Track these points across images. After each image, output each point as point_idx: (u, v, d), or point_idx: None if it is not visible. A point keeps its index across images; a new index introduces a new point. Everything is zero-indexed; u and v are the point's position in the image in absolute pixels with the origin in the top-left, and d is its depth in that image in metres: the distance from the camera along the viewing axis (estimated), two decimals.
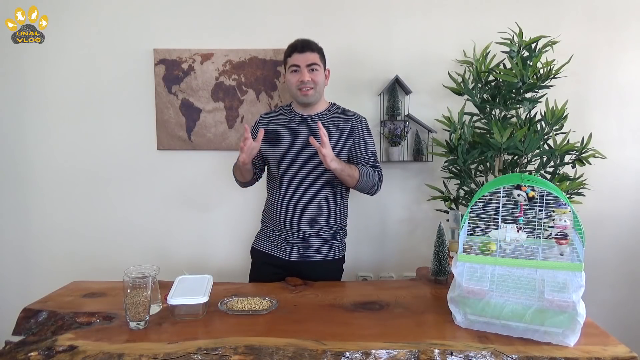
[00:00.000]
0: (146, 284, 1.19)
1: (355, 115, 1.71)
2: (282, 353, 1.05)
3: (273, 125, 1.69)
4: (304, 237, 1.64)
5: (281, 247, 1.67)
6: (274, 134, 1.66)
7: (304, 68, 1.58)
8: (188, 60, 2.14)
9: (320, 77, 1.61)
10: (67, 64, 2.15)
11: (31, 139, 2.20)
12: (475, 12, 2.11)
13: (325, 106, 1.70)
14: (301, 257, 1.65)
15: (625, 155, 2.15)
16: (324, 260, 1.67)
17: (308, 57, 1.58)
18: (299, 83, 1.58)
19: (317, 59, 1.61)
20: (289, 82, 1.62)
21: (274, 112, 1.77)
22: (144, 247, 2.24)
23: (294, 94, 1.63)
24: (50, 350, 1.06)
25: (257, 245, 1.75)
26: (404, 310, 1.31)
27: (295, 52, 1.59)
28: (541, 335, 1.10)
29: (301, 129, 1.64)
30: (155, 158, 2.21)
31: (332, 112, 1.69)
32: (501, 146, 1.75)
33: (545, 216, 1.20)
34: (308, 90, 1.59)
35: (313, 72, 1.59)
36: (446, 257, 1.54)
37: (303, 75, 1.57)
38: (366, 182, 1.60)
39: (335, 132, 1.63)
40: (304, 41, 1.62)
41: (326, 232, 1.68)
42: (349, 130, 1.65)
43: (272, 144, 1.66)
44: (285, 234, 1.66)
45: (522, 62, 1.78)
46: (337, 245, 1.72)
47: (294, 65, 1.59)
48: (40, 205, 2.23)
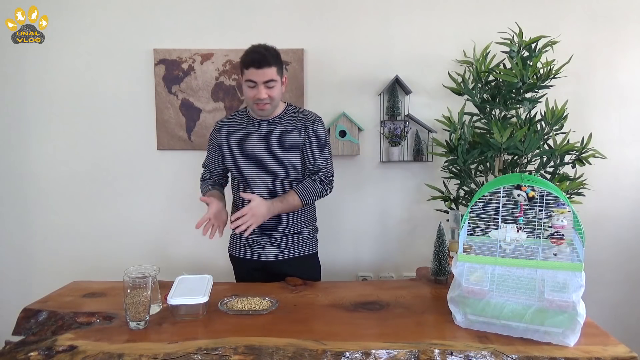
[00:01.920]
0: (146, 284, 1.19)
1: (310, 115, 1.67)
2: (282, 353, 1.05)
3: (231, 132, 1.66)
4: (278, 236, 1.65)
5: (257, 249, 1.67)
6: (234, 140, 1.64)
7: (261, 84, 1.50)
8: (188, 60, 2.14)
9: (277, 91, 1.55)
10: (67, 64, 2.15)
11: (31, 138, 2.20)
12: (475, 12, 2.11)
13: (282, 108, 1.66)
14: (278, 256, 1.66)
15: (625, 155, 2.15)
16: (301, 256, 1.69)
17: (265, 74, 1.49)
18: (255, 99, 1.53)
19: (274, 74, 1.52)
20: (246, 94, 1.56)
21: (229, 118, 1.72)
22: (144, 247, 2.24)
23: (251, 107, 1.60)
24: (50, 350, 1.06)
25: (233, 251, 1.75)
26: (404, 310, 1.31)
27: (252, 67, 1.49)
28: (541, 335, 1.10)
29: (260, 133, 1.62)
30: (155, 158, 2.21)
31: (288, 114, 1.65)
32: (501, 146, 1.75)
33: (545, 216, 1.20)
34: (264, 105, 1.55)
35: (270, 88, 1.52)
36: (446, 257, 1.54)
37: (260, 93, 1.51)
38: (310, 198, 1.60)
39: (289, 134, 1.61)
40: (261, 56, 1.49)
41: (300, 228, 1.69)
42: (300, 131, 1.62)
43: (233, 151, 1.64)
44: (260, 236, 1.65)
45: (522, 62, 1.78)
46: (311, 240, 1.73)
47: (251, 81, 1.51)
48: (40, 205, 2.23)
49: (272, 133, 1.60)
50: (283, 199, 1.56)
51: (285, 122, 1.63)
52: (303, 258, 1.69)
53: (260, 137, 1.61)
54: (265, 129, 1.62)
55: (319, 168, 1.62)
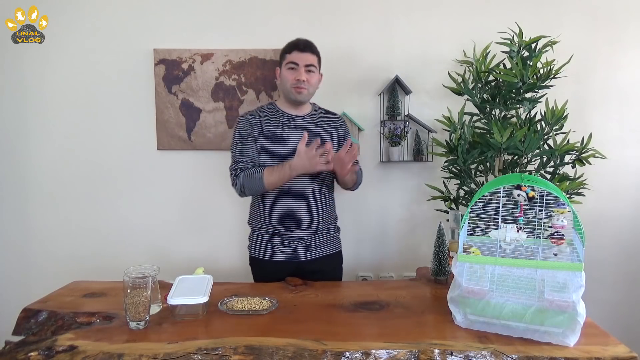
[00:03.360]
0: (146, 284, 1.19)
1: (337, 116, 1.82)
2: (282, 353, 1.05)
3: (267, 124, 1.66)
4: (312, 235, 1.68)
5: (289, 249, 1.66)
6: (270, 132, 1.65)
7: (302, 67, 1.61)
8: (188, 60, 2.14)
9: (315, 79, 1.65)
10: (67, 64, 2.15)
11: (31, 138, 2.20)
12: (475, 12, 2.11)
13: (310, 107, 1.75)
14: (310, 255, 1.68)
15: (625, 155, 2.15)
16: (331, 254, 1.74)
17: (307, 58, 1.62)
18: (294, 81, 1.61)
19: (315, 61, 1.65)
20: (285, 77, 1.64)
21: (258, 111, 1.71)
22: (144, 247, 2.24)
23: (287, 91, 1.64)
24: (50, 350, 1.06)
25: (259, 254, 1.70)
26: (404, 310, 1.31)
27: (296, 50, 1.62)
28: (541, 335, 1.10)
29: (297, 129, 1.65)
30: (155, 158, 2.21)
31: (317, 112, 1.75)
32: (501, 146, 1.75)
33: (545, 216, 1.20)
34: (302, 89, 1.61)
35: (309, 73, 1.63)
36: (446, 257, 1.54)
37: (300, 74, 1.60)
38: (358, 181, 1.78)
39: (327, 132, 1.71)
40: (306, 41, 1.64)
41: (330, 226, 1.75)
42: (337, 130, 1.75)
43: (271, 143, 1.64)
44: (293, 235, 1.65)
45: (522, 62, 1.78)
46: (337, 237, 1.80)
47: (292, 63, 1.61)
48: (40, 205, 2.23)
49: (308, 130, 1.61)
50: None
51: (319, 121, 1.72)
52: (332, 256, 1.75)
53: (298, 133, 1.61)
54: (302, 126, 1.66)
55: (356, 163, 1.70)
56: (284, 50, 1.66)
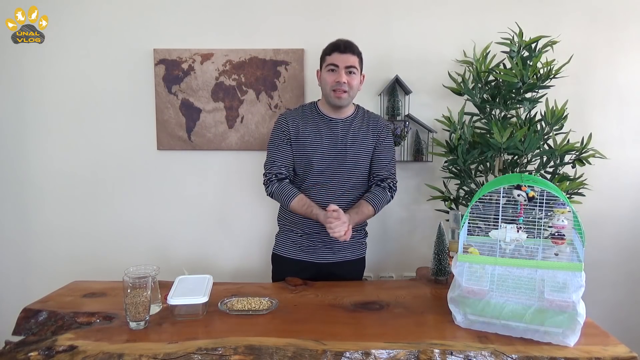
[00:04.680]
0: (146, 284, 1.19)
1: (381, 120, 1.71)
2: (282, 353, 1.05)
3: (305, 125, 1.63)
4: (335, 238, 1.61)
5: (309, 250, 1.66)
6: (307, 134, 1.62)
7: (342, 69, 1.55)
8: (188, 60, 2.14)
9: (356, 81, 1.58)
10: (67, 64, 2.15)
11: (31, 138, 2.20)
12: (475, 12, 2.11)
13: (353, 109, 1.68)
14: (332, 258, 1.66)
15: (625, 155, 2.15)
16: (353, 260, 1.70)
17: (348, 59, 1.55)
18: (334, 83, 1.55)
19: (356, 63, 1.58)
20: (325, 80, 1.59)
21: (298, 110, 1.70)
22: (144, 247, 2.24)
23: (327, 94, 1.60)
24: (50, 350, 1.06)
25: (281, 251, 1.71)
26: (404, 310, 1.31)
27: (336, 51, 1.55)
28: (541, 335, 1.10)
29: (334, 132, 1.62)
30: (155, 158, 2.21)
31: (359, 116, 1.68)
32: (501, 146, 1.75)
33: (545, 216, 1.20)
34: (342, 92, 1.56)
35: (350, 74, 1.56)
36: (446, 257, 1.54)
37: (340, 76, 1.54)
38: (381, 207, 1.65)
39: (363, 138, 1.64)
40: (346, 42, 1.57)
41: (357, 231, 1.68)
42: (373, 136, 1.66)
43: (306, 145, 1.61)
44: (316, 237, 1.64)
45: (522, 62, 1.78)
46: (363, 243, 1.75)
47: (333, 65, 1.55)
48: (40, 205, 2.23)
49: (346, 133, 1.60)
50: (358, 210, 1.57)
51: (358, 124, 1.65)
52: (355, 261, 1.71)
53: (335, 137, 1.61)
54: (339, 129, 1.62)
55: (387, 175, 1.65)
56: (324, 52, 1.60)
